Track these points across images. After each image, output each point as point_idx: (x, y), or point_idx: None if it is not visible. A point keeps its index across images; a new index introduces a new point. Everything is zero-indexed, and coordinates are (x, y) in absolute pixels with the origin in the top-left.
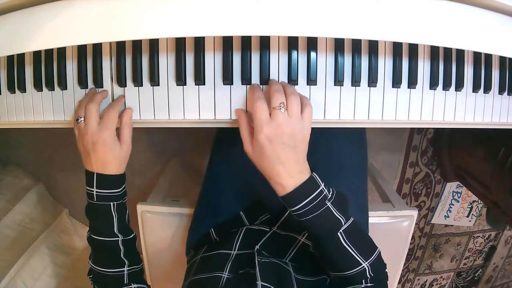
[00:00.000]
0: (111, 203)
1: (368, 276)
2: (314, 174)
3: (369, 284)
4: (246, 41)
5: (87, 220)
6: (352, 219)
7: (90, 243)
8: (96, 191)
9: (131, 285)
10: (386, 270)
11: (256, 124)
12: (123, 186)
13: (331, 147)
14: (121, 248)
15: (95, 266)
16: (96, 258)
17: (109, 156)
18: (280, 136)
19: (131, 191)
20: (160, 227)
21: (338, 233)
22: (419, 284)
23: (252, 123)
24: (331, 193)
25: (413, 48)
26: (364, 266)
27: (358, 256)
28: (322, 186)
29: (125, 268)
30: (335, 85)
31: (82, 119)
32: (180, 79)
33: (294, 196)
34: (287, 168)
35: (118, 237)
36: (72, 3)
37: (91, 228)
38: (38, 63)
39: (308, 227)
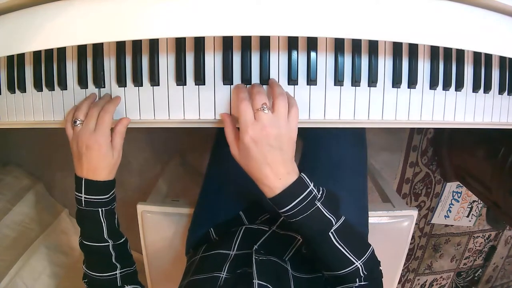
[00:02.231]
0: (99, 209)
1: (362, 274)
2: (303, 174)
3: (363, 283)
4: (246, 41)
5: None
6: (343, 218)
7: (82, 248)
8: (85, 197)
9: (125, 287)
10: (381, 267)
11: (241, 126)
12: (112, 192)
13: (331, 147)
14: (112, 253)
15: (88, 271)
16: (89, 263)
17: (101, 162)
18: (265, 137)
19: (131, 191)
20: (160, 227)
21: (330, 233)
22: (419, 284)
23: (237, 125)
24: (320, 192)
25: (413, 48)
26: (357, 265)
27: (351, 255)
28: (311, 186)
29: (118, 271)
30: (335, 85)
31: (79, 121)
32: (180, 79)
33: (283, 197)
34: (274, 169)
35: (108, 242)
36: (72, 3)
37: (82, 234)
38: (38, 63)
39: (298, 228)
